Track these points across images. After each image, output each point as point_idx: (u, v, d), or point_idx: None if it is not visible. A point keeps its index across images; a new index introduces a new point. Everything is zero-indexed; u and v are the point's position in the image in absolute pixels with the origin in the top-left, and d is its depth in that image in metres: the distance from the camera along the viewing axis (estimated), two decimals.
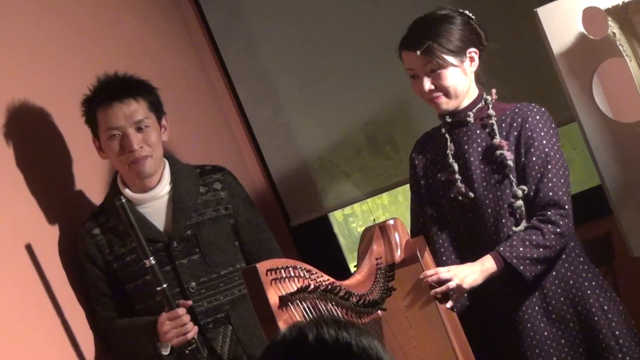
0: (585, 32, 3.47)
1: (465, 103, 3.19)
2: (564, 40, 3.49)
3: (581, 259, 3.17)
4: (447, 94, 3.14)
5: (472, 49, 3.15)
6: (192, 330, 3.08)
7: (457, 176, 3.16)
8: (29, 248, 3.08)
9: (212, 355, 3.19)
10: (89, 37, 3.74)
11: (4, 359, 2.85)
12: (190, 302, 3.12)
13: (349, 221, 4.85)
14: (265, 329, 2.65)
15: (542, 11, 3.50)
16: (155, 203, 3.25)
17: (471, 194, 3.14)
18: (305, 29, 4.52)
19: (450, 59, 3.10)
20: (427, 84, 3.12)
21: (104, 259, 3.22)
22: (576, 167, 4.43)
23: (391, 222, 3.13)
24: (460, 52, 3.12)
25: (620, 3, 3.36)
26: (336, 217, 4.78)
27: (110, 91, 3.18)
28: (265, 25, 4.57)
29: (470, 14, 3.20)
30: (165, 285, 3.04)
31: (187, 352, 3.08)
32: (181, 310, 3.07)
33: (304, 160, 4.60)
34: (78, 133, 3.31)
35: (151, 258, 3.02)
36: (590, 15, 3.47)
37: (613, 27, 3.38)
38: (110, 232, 3.23)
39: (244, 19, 4.58)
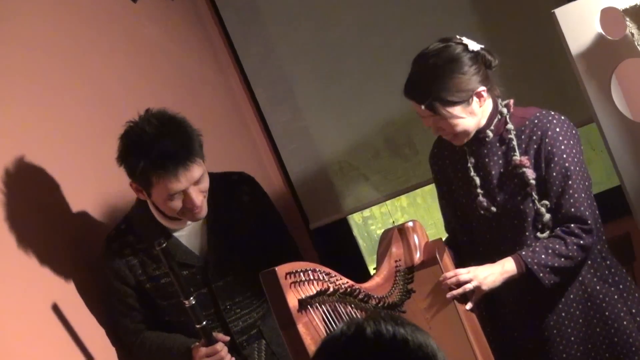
0: (603, 33, 3.46)
1: (481, 123, 3.12)
2: (582, 41, 3.48)
3: (607, 262, 3.16)
4: (456, 135, 3.09)
5: (480, 89, 3.04)
6: None
7: (479, 190, 3.14)
8: (50, 259, 3.10)
9: None
10: (108, 42, 3.76)
11: None
12: (227, 338, 3.11)
13: (368, 223, 4.85)
14: (284, 332, 2.65)
15: (560, 12, 3.49)
16: (189, 228, 3.21)
17: (493, 209, 3.12)
18: (323, 32, 4.52)
19: (455, 110, 3.02)
20: (435, 130, 3.09)
21: (135, 279, 3.20)
22: (595, 167, 4.42)
23: (410, 224, 3.13)
24: (466, 99, 3.02)
25: (638, 3, 3.35)
26: (355, 220, 4.78)
27: (171, 158, 3.01)
28: (283, 28, 4.57)
29: (475, 44, 3.06)
30: (205, 323, 3.03)
31: None
32: (219, 346, 3.06)
33: (323, 162, 4.60)
34: (98, 141, 3.32)
35: (191, 298, 3.00)
36: (608, 15, 3.46)
37: (631, 27, 3.37)
38: (142, 253, 3.19)
39: (262, 23, 4.59)
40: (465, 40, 3.06)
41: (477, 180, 3.14)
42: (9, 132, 3.12)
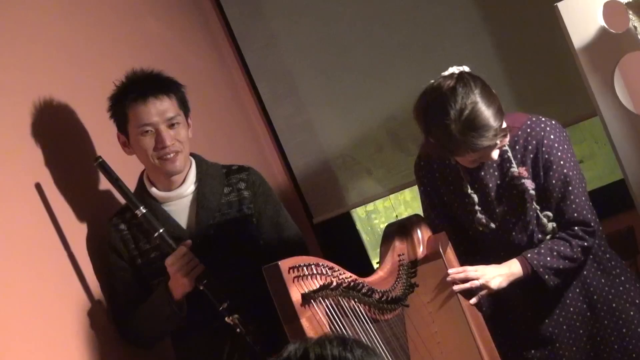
0: (606, 26, 3.46)
1: None
2: (585, 35, 3.48)
3: (608, 256, 3.18)
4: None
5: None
6: (199, 266, 3.09)
7: (477, 207, 3.13)
8: (57, 243, 3.11)
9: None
10: (112, 37, 3.76)
11: (28, 350, 2.88)
12: (189, 242, 3.13)
13: (372, 217, 4.85)
14: (288, 326, 2.65)
15: (563, 5, 3.49)
16: (179, 202, 3.27)
17: (492, 225, 3.12)
18: (326, 26, 4.52)
19: (504, 124, 2.95)
20: (497, 153, 2.98)
21: (129, 254, 3.25)
22: (598, 161, 4.42)
23: (413, 218, 3.13)
24: (502, 112, 2.94)
25: None
26: (358, 214, 4.78)
27: (143, 87, 3.19)
28: (286, 22, 4.58)
29: (465, 67, 3.01)
30: (162, 230, 3.08)
31: (201, 288, 3.09)
32: (184, 248, 3.09)
33: (326, 157, 4.61)
34: (104, 130, 3.33)
35: (141, 207, 3.08)
36: (611, 9, 3.46)
37: (634, 21, 3.37)
38: (135, 228, 3.24)
39: (265, 17, 4.60)
40: (454, 70, 2.99)
41: (476, 198, 3.13)
42: (11, 128, 3.12)
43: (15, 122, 3.14)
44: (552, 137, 3.07)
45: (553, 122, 3.11)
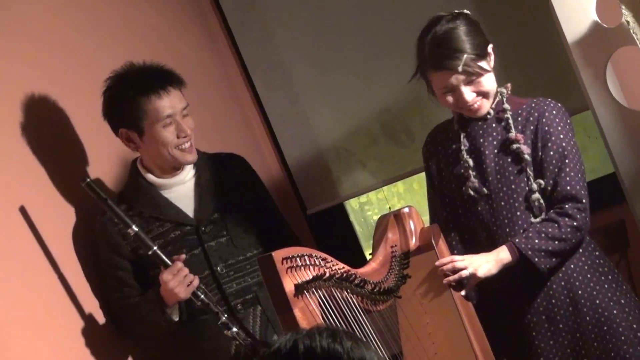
0: (599, 20, 3.47)
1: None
2: (578, 29, 3.49)
3: (597, 253, 3.19)
4: (486, 97, 3.12)
5: (489, 45, 3.13)
6: (195, 279, 3.11)
7: (472, 172, 3.16)
8: (45, 236, 3.12)
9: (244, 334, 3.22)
10: (107, 28, 3.76)
11: (20, 347, 2.89)
12: (184, 256, 3.14)
13: (365, 209, 4.87)
14: (281, 316, 2.68)
15: None
16: (180, 188, 3.30)
17: (485, 190, 3.14)
18: (321, 18, 4.53)
19: (483, 64, 3.08)
20: (470, 94, 3.08)
21: (129, 247, 3.25)
22: (590, 155, 4.43)
23: (406, 210, 3.15)
24: (486, 54, 3.10)
25: None
26: (352, 205, 4.80)
27: (160, 80, 3.22)
28: (281, 14, 4.58)
29: (465, 11, 3.17)
30: (155, 248, 3.08)
31: (199, 303, 3.11)
32: (179, 263, 3.10)
33: (320, 148, 4.62)
34: (95, 122, 3.34)
35: (133, 226, 3.07)
36: (604, 3, 3.47)
37: (627, 15, 3.38)
38: (134, 218, 3.24)
39: (260, 9, 4.60)
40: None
41: (471, 162, 3.16)
42: (6, 124, 3.13)
43: (11, 114, 3.15)
44: (554, 112, 3.13)
45: (559, 104, 3.17)
